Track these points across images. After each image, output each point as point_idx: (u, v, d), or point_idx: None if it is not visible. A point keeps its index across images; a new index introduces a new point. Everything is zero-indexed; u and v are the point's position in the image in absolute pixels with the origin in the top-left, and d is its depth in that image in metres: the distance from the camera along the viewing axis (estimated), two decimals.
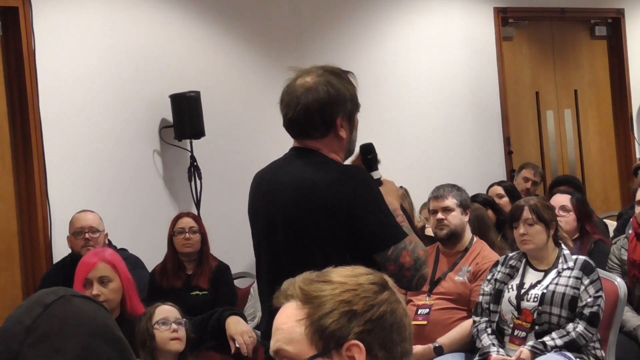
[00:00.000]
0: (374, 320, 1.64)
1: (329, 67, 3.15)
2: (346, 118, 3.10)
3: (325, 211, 2.99)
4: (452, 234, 5.05)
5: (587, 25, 9.10)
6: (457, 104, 7.98)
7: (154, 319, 3.89)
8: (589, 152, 9.02)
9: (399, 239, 3.01)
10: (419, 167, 7.60)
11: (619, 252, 5.26)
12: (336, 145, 3.12)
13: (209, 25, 6.75)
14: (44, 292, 1.53)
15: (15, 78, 5.91)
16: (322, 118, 3.06)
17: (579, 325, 4.43)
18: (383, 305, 1.65)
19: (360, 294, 1.65)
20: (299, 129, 3.10)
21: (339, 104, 3.07)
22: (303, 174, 3.07)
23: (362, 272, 1.71)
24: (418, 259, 3.01)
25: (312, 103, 3.05)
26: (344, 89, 3.09)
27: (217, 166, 6.63)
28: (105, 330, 1.51)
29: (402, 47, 7.72)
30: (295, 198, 3.05)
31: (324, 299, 1.65)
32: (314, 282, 1.68)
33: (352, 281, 1.67)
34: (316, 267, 1.82)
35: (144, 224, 6.26)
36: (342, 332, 1.63)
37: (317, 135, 3.09)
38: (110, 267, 4.04)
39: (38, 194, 5.86)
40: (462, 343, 4.81)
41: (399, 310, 1.67)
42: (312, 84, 3.07)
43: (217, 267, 5.62)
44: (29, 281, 5.90)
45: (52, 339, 1.46)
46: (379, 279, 1.70)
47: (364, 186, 3.03)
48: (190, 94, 6.29)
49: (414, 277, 3.02)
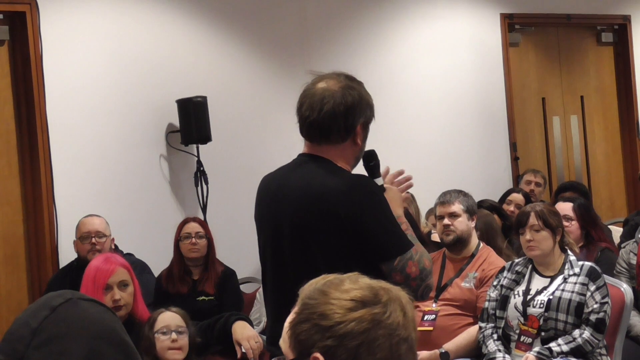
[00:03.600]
0: (338, 336, 1.62)
1: (348, 74, 3.15)
2: (364, 125, 3.12)
3: (333, 219, 2.99)
4: (459, 239, 5.04)
5: (594, 31, 9.09)
6: (463, 109, 7.97)
7: (156, 327, 3.89)
8: (595, 158, 9.01)
9: (406, 249, 3.01)
10: (425, 172, 7.58)
11: (627, 257, 5.26)
12: (350, 151, 3.12)
13: (216, 30, 6.76)
14: (52, 295, 1.53)
15: (22, 83, 5.92)
16: (345, 123, 3.06)
17: (585, 332, 4.42)
18: (352, 323, 1.62)
19: (333, 308, 1.64)
20: (320, 132, 3.08)
21: (362, 110, 3.08)
22: (313, 180, 3.06)
23: (356, 286, 1.68)
24: (424, 269, 3.02)
25: (338, 107, 3.04)
26: (366, 95, 3.11)
27: (224, 171, 6.63)
28: (111, 334, 1.52)
29: (408, 53, 7.72)
30: (304, 204, 3.05)
31: (306, 307, 1.66)
32: (315, 290, 1.69)
33: (337, 294, 1.66)
34: (319, 274, 1.82)
35: (150, 229, 6.26)
36: (308, 343, 1.63)
37: (336, 139, 3.08)
38: (127, 271, 4.10)
39: (44, 198, 5.86)
40: (468, 349, 4.80)
41: (376, 331, 1.63)
42: (337, 88, 3.06)
43: (223, 272, 5.61)
44: (35, 285, 5.91)
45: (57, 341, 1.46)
46: (365, 295, 1.66)
47: (372, 196, 3.03)
48: (197, 99, 6.29)
49: (419, 287, 3.02)
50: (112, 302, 4.00)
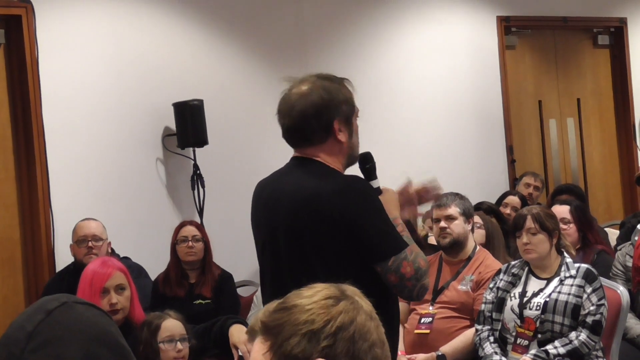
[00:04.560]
0: (333, 333, 1.62)
1: (323, 74, 3.16)
2: (343, 121, 3.10)
3: (326, 221, 2.99)
4: (455, 242, 5.05)
5: (590, 34, 9.10)
6: (459, 112, 7.98)
7: (160, 336, 3.86)
8: (591, 161, 9.02)
9: (400, 249, 3.01)
10: (422, 175, 7.56)
11: (623, 259, 5.26)
12: (336, 150, 3.11)
13: (212, 33, 6.76)
14: (47, 298, 1.53)
15: (18, 86, 5.92)
16: (319, 122, 3.07)
17: (582, 334, 4.42)
18: (340, 317, 1.63)
19: (315, 311, 1.63)
20: (299, 135, 3.11)
21: (334, 107, 3.07)
22: (304, 183, 3.07)
23: (318, 288, 1.69)
24: (419, 269, 3.01)
25: (307, 108, 3.06)
26: (337, 91, 3.09)
27: (220, 174, 6.62)
28: (107, 337, 1.51)
29: (405, 55, 7.72)
30: (297, 207, 3.04)
31: (282, 327, 1.63)
32: (273, 313, 1.67)
33: (306, 301, 1.65)
34: (316, 276, 1.82)
35: (147, 233, 6.25)
36: (305, 353, 1.62)
37: (317, 140, 3.09)
38: (124, 275, 4.10)
39: (41, 202, 5.86)
40: (465, 352, 4.81)
41: (360, 317, 1.65)
42: (306, 90, 3.08)
43: (220, 275, 5.62)
44: (32, 289, 5.90)
45: (53, 345, 1.46)
46: (333, 291, 1.67)
47: (365, 196, 3.03)
48: (194, 102, 6.29)
49: (415, 287, 3.02)
50: (109, 305, 3.99)
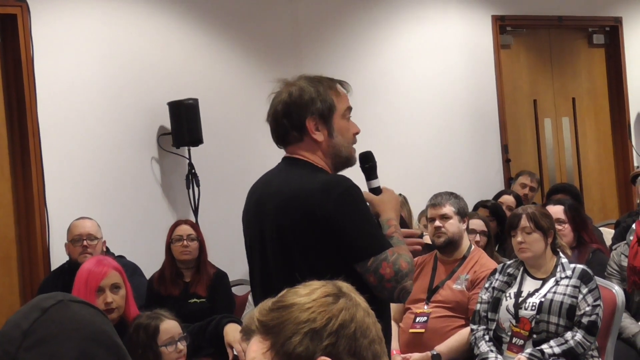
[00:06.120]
0: (335, 331, 1.62)
1: (311, 75, 3.12)
2: (320, 119, 3.05)
3: (307, 221, 2.95)
4: (450, 241, 5.05)
5: (585, 33, 9.11)
6: (455, 111, 7.98)
7: (161, 339, 3.84)
8: (586, 160, 9.03)
9: (380, 250, 2.94)
10: (417, 174, 7.60)
11: (618, 259, 5.26)
12: (315, 148, 3.07)
13: (207, 32, 6.76)
14: (43, 297, 1.53)
15: (13, 85, 5.91)
16: (290, 121, 3.04)
17: (577, 334, 4.42)
18: (341, 314, 1.62)
19: (316, 309, 1.62)
20: (276, 136, 3.11)
21: (304, 105, 3.02)
22: (288, 184, 3.04)
23: (315, 286, 1.68)
24: (399, 271, 2.93)
25: (277, 107, 3.05)
26: (310, 89, 3.04)
27: (215, 173, 6.62)
28: (102, 336, 1.51)
29: (400, 55, 7.72)
30: (283, 206, 3.02)
31: (282, 325, 1.63)
32: (270, 311, 1.66)
33: (305, 300, 1.65)
34: (302, 277, 1.80)
35: (142, 232, 6.25)
36: (308, 352, 1.61)
37: (294, 139, 3.07)
38: (119, 274, 4.10)
39: (36, 201, 5.85)
40: (460, 351, 4.81)
41: (359, 314, 1.65)
42: (283, 90, 3.07)
43: (215, 274, 5.62)
44: (27, 288, 5.90)
45: (48, 343, 1.46)
46: (331, 289, 1.67)
47: (345, 196, 2.96)
48: (189, 101, 6.29)
49: (395, 289, 2.93)
50: (104, 304, 3.99)
